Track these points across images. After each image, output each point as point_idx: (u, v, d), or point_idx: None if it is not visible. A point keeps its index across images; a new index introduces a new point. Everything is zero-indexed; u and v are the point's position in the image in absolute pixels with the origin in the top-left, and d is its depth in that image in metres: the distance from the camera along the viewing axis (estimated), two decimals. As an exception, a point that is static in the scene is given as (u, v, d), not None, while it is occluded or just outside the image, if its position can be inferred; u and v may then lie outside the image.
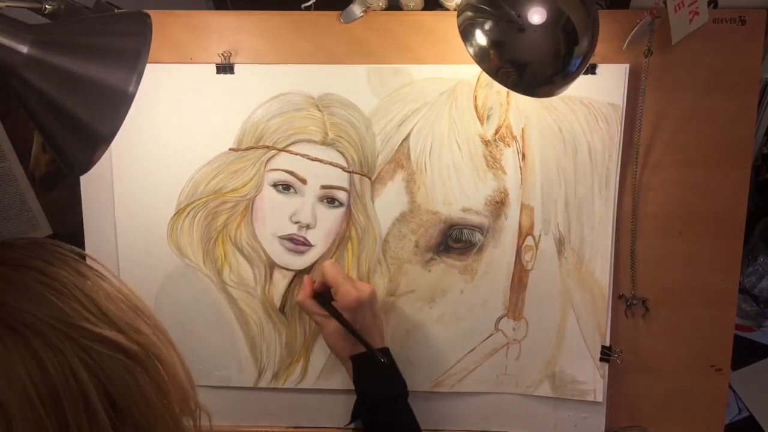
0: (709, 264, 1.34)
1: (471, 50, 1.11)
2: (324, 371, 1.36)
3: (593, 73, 1.27)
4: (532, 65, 1.10)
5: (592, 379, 1.34)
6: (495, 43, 1.08)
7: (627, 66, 1.27)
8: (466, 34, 1.11)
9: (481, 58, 1.11)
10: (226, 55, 1.28)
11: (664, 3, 1.21)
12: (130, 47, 0.96)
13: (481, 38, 1.09)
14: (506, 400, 1.36)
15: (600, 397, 1.34)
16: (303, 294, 1.27)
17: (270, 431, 1.39)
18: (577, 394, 1.34)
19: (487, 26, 1.08)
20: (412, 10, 1.30)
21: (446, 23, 1.27)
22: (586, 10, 1.08)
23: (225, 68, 1.29)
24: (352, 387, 1.33)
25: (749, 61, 1.29)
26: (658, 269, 1.34)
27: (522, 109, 1.29)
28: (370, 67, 1.29)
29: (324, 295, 1.26)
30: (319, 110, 1.30)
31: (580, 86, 1.26)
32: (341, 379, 1.36)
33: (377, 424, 1.23)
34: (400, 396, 1.25)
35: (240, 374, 1.36)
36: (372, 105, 1.30)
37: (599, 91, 1.28)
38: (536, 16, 1.05)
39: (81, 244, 1.35)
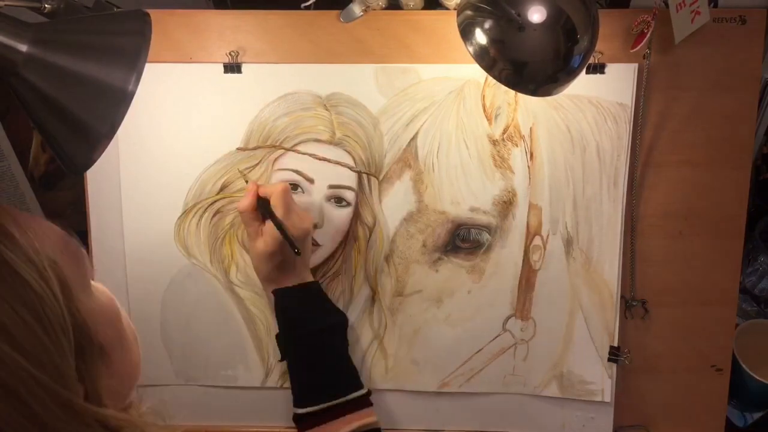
0: (710, 264, 1.34)
1: (471, 49, 1.11)
2: (331, 371, 1.35)
3: (602, 72, 1.27)
4: (532, 64, 1.09)
5: (600, 380, 1.33)
6: (495, 42, 1.08)
7: (636, 65, 1.27)
8: (465, 33, 1.11)
9: (481, 57, 1.10)
10: (233, 54, 1.28)
11: (665, 3, 1.22)
12: (130, 46, 0.96)
13: (480, 37, 1.09)
14: (514, 401, 1.36)
15: (608, 397, 1.34)
16: (247, 202, 1.22)
17: (276, 431, 1.38)
18: (585, 394, 1.34)
19: (486, 25, 1.08)
20: (411, 9, 1.30)
21: (446, 22, 1.27)
22: (586, 8, 1.08)
23: (232, 67, 1.29)
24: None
25: (749, 60, 1.29)
26: (658, 269, 1.34)
27: (530, 108, 1.29)
28: (378, 67, 1.29)
29: (265, 205, 1.22)
30: (327, 109, 1.30)
31: (589, 85, 1.26)
32: (348, 379, 1.35)
33: (306, 357, 1.24)
34: (338, 325, 1.27)
35: (247, 374, 1.36)
36: (380, 104, 1.30)
37: (608, 90, 1.28)
38: (536, 14, 1.05)
39: (82, 244, 1.34)
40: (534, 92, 1.12)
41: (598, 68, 1.26)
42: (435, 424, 1.37)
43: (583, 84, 1.24)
